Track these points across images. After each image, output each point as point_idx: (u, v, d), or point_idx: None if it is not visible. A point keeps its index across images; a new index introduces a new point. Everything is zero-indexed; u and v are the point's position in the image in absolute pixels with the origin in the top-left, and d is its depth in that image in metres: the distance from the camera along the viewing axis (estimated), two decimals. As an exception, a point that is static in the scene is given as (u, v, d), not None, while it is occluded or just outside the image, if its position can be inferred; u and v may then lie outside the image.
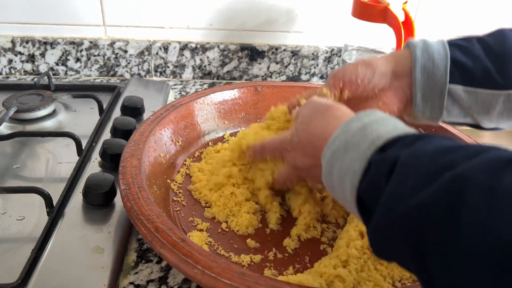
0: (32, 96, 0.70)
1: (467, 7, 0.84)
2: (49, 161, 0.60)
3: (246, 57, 0.86)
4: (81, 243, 0.44)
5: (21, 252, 0.44)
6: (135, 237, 0.49)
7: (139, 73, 0.87)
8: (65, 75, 0.86)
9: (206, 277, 0.36)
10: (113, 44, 0.84)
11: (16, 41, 0.82)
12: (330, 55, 0.87)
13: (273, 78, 0.89)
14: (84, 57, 0.85)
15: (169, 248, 0.38)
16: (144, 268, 0.45)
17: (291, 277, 0.43)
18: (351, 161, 0.32)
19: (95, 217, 0.48)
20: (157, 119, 0.57)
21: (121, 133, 0.61)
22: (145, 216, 0.41)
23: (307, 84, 0.71)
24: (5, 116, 0.63)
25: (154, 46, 0.84)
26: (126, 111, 0.69)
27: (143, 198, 0.43)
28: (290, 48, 0.86)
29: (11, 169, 0.58)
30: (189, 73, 0.87)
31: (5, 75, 0.85)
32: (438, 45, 0.46)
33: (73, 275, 0.41)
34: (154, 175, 0.52)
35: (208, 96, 0.65)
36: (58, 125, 0.68)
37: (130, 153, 0.50)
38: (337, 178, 0.34)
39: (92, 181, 0.50)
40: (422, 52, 0.46)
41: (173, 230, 0.39)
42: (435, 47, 0.46)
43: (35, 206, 0.50)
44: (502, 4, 0.84)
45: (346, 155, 0.33)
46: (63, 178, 0.55)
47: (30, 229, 0.48)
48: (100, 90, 0.78)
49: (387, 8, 0.67)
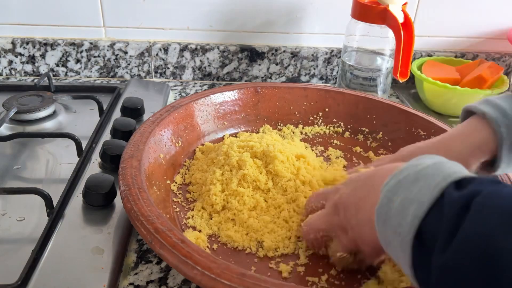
0: (32, 97, 0.70)
1: (467, 8, 0.84)
2: (49, 161, 0.60)
3: (246, 59, 0.86)
4: (81, 243, 0.44)
5: (21, 253, 0.44)
6: (135, 238, 0.49)
7: (139, 74, 0.87)
8: (65, 76, 0.86)
9: (206, 278, 0.36)
10: (113, 46, 0.84)
11: (17, 42, 0.82)
12: (329, 57, 0.87)
13: (273, 79, 0.89)
14: (84, 59, 0.85)
15: (169, 249, 0.38)
16: (144, 269, 0.45)
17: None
18: (420, 191, 0.30)
19: (95, 218, 0.48)
20: (157, 120, 0.57)
21: (121, 134, 0.61)
22: (145, 217, 0.41)
23: (306, 86, 0.71)
24: (5, 117, 0.63)
25: (154, 47, 0.84)
26: (126, 112, 0.69)
27: (143, 199, 0.43)
28: (289, 49, 0.86)
29: (11, 169, 0.58)
30: (189, 74, 0.87)
31: (5, 76, 0.85)
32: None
33: (73, 275, 0.41)
34: (154, 176, 0.52)
35: (208, 97, 0.65)
36: (58, 126, 0.68)
37: (130, 153, 0.50)
38: (398, 207, 0.31)
39: (92, 181, 0.50)
40: (508, 130, 0.42)
41: (172, 231, 0.39)
42: (508, 111, 0.42)
43: (35, 207, 0.50)
44: (502, 5, 0.84)
45: (415, 185, 0.31)
46: (63, 179, 0.55)
47: (30, 230, 0.48)
48: (100, 91, 0.78)
49: (386, 9, 0.67)
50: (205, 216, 0.50)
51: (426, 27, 0.85)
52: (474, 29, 0.86)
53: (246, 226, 0.49)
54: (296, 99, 0.69)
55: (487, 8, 0.84)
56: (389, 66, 0.75)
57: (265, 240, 0.47)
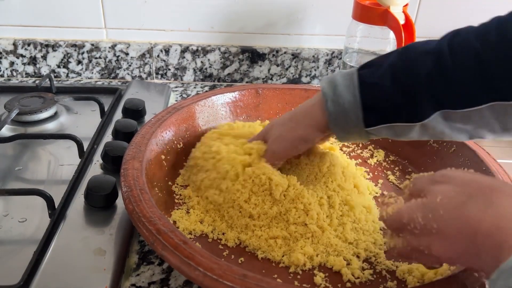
0: (34, 99, 0.71)
1: (467, 9, 0.84)
2: (50, 163, 0.60)
3: (247, 60, 0.86)
4: (82, 245, 0.44)
5: (23, 254, 0.44)
6: (136, 239, 0.49)
7: (141, 76, 0.87)
8: (66, 77, 0.86)
9: (208, 279, 0.36)
10: (115, 47, 0.84)
11: (18, 43, 0.82)
12: (330, 58, 0.87)
13: (274, 81, 0.89)
14: (86, 60, 0.85)
15: (171, 250, 0.38)
16: (145, 270, 0.45)
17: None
18: None
19: (97, 219, 0.48)
20: (159, 122, 0.57)
21: (122, 135, 0.62)
22: (146, 218, 0.41)
23: (307, 87, 0.71)
24: (7, 119, 0.63)
25: (155, 48, 0.84)
26: (127, 114, 0.69)
27: (144, 200, 0.43)
28: (290, 50, 0.86)
29: (13, 171, 0.58)
30: (190, 76, 0.88)
31: (7, 78, 0.85)
32: (348, 91, 0.45)
33: (74, 277, 0.41)
34: (155, 177, 0.52)
35: (209, 98, 0.65)
36: (59, 128, 0.68)
37: (132, 155, 0.50)
38: None
39: (94, 183, 0.50)
40: (333, 105, 0.46)
41: (174, 232, 0.40)
42: (345, 96, 0.45)
43: (37, 208, 0.50)
44: (502, 6, 0.84)
45: None
46: (64, 180, 0.55)
47: (32, 231, 0.48)
48: (101, 92, 0.78)
49: (387, 11, 0.67)
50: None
51: (427, 28, 0.85)
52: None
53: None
54: (297, 100, 0.69)
55: (488, 9, 0.84)
56: (390, 67, 0.75)
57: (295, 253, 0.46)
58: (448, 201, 0.33)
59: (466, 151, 0.57)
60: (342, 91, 0.45)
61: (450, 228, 0.33)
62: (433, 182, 0.36)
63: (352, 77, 0.45)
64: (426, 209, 0.34)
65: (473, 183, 0.34)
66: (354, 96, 0.45)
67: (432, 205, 0.34)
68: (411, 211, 0.35)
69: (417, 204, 0.35)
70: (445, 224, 0.33)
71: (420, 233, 0.34)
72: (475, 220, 0.31)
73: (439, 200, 0.34)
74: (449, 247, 0.33)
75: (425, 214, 0.34)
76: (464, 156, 0.57)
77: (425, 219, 0.34)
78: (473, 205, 0.32)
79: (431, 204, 0.34)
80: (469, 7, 0.84)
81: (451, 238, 0.33)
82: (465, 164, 0.56)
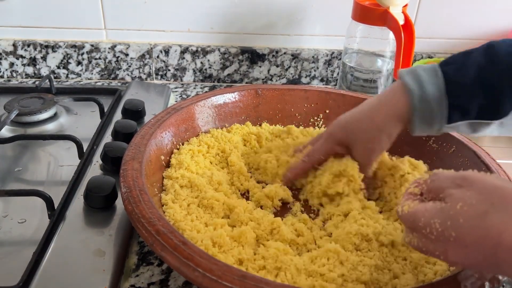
0: (34, 100, 0.71)
1: (467, 9, 0.84)
2: (50, 164, 0.60)
3: (247, 60, 0.86)
4: (82, 246, 0.44)
5: (22, 255, 0.44)
6: (136, 240, 0.49)
7: (140, 77, 0.87)
8: (66, 78, 0.86)
9: (207, 279, 0.36)
10: (114, 48, 0.84)
11: (18, 44, 0.83)
12: (330, 58, 0.87)
13: (274, 81, 0.89)
14: (85, 61, 0.85)
15: (170, 251, 0.38)
16: (145, 271, 0.45)
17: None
18: None
19: (96, 220, 0.48)
20: (158, 122, 0.57)
21: (122, 136, 0.62)
22: (146, 219, 0.41)
23: (307, 87, 0.71)
24: (7, 120, 0.63)
25: (155, 49, 0.84)
26: (127, 114, 0.69)
27: (144, 201, 0.43)
28: (290, 51, 0.86)
29: (12, 172, 0.58)
30: (190, 76, 0.88)
31: (7, 79, 0.85)
32: (434, 87, 0.46)
33: (74, 278, 0.41)
34: (155, 178, 0.52)
35: (209, 99, 0.65)
36: (59, 129, 0.68)
37: (131, 155, 0.50)
38: None
39: (93, 183, 0.50)
40: (419, 101, 0.47)
41: (174, 233, 0.39)
42: (431, 93, 0.46)
43: (36, 209, 0.50)
44: (502, 6, 0.84)
45: None
46: (64, 181, 0.55)
47: (32, 232, 0.48)
48: (101, 93, 0.78)
49: (387, 11, 0.67)
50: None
51: (427, 29, 0.86)
52: (474, 31, 0.86)
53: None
54: (296, 101, 0.69)
55: (488, 9, 0.84)
56: (389, 68, 0.75)
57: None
58: (468, 208, 0.32)
59: (466, 151, 0.57)
60: (429, 88, 0.46)
61: (469, 237, 0.31)
62: (453, 184, 0.34)
63: (437, 74, 0.46)
64: (444, 215, 0.33)
65: (496, 190, 0.32)
66: (441, 94, 0.46)
67: (452, 212, 0.32)
68: (428, 215, 0.34)
69: (435, 209, 0.34)
70: (464, 233, 0.31)
71: (436, 239, 0.33)
72: (496, 231, 0.30)
73: (459, 207, 0.32)
74: (466, 255, 0.32)
75: (444, 220, 0.33)
76: (464, 156, 0.57)
77: (443, 225, 0.32)
78: (495, 215, 0.30)
79: (451, 210, 0.32)
80: (468, 8, 0.84)
81: (470, 247, 0.31)
82: (465, 164, 0.56)
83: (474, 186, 0.33)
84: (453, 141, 0.59)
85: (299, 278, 0.41)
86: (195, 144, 0.59)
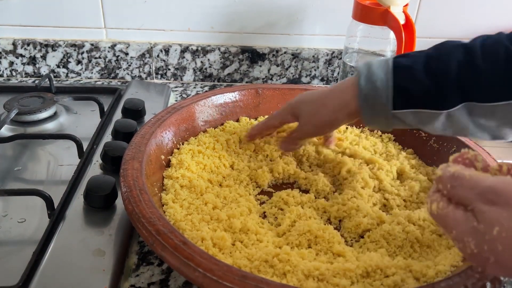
0: (33, 99, 0.70)
1: (468, 9, 0.84)
2: (50, 163, 0.60)
3: (247, 60, 0.86)
4: (82, 245, 0.44)
5: (22, 255, 0.44)
6: (136, 240, 0.49)
7: (140, 76, 0.87)
8: (66, 77, 0.86)
9: (207, 280, 0.36)
10: (114, 47, 0.84)
11: (18, 43, 0.82)
12: (330, 58, 0.87)
13: (274, 81, 0.89)
14: (85, 60, 0.85)
15: (170, 251, 0.38)
16: (145, 271, 0.45)
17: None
18: None
19: (96, 220, 0.48)
20: (158, 122, 0.57)
21: (122, 135, 0.61)
22: (146, 218, 0.41)
23: (307, 87, 0.71)
24: (6, 119, 0.63)
25: (155, 48, 0.84)
26: (127, 114, 0.69)
27: (144, 200, 0.43)
28: (290, 50, 0.86)
29: (12, 171, 0.58)
30: (190, 76, 0.87)
31: (6, 78, 0.85)
32: (382, 71, 0.47)
33: (74, 277, 0.41)
34: (155, 177, 0.52)
35: (209, 98, 0.65)
36: (59, 128, 0.68)
37: (131, 155, 0.50)
38: None
39: (93, 183, 0.50)
40: (365, 81, 0.47)
41: (174, 232, 0.39)
42: (378, 75, 0.47)
43: (36, 209, 0.50)
44: (502, 6, 0.84)
45: None
46: (64, 180, 0.55)
47: (31, 232, 0.48)
48: (101, 92, 0.78)
49: (387, 11, 0.67)
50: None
51: (427, 28, 0.85)
52: (475, 30, 0.86)
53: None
54: (297, 100, 0.69)
55: (488, 9, 0.84)
56: (390, 67, 0.75)
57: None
58: (507, 235, 0.28)
59: (467, 151, 0.57)
60: (376, 70, 0.47)
61: (511, 263, 0.29)
62: (484, 199, 0.30)
63: (388, 61, 0.48)
64: (479, 238, 0.30)
65: None
66: (387, 75, 0.46)
67: (487, 237, 0.29)
68: (460, 230, 0.31)
69: (467, 226, 0.31)
70: (505, 259, 0.29)
71: (471, 255, 0.31)
72: None
73: (496, 232, 0.29)
74: (507, 272, 0.30)
75: (479, 243, 0.30)
76: (465, 156, 0.57)
77: (479, 247, 0.30)
78: None
79: (486, 235, 0.29)
80: (469, 7, 0.84)
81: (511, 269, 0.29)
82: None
83: (510, 203, 0.29)
84: (454, 141, 0.59)
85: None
86: (195, 144, 0.59)
